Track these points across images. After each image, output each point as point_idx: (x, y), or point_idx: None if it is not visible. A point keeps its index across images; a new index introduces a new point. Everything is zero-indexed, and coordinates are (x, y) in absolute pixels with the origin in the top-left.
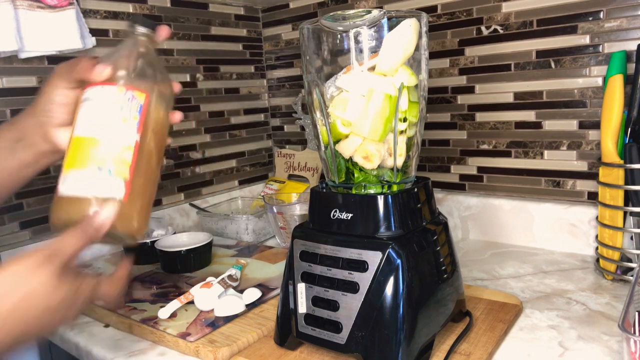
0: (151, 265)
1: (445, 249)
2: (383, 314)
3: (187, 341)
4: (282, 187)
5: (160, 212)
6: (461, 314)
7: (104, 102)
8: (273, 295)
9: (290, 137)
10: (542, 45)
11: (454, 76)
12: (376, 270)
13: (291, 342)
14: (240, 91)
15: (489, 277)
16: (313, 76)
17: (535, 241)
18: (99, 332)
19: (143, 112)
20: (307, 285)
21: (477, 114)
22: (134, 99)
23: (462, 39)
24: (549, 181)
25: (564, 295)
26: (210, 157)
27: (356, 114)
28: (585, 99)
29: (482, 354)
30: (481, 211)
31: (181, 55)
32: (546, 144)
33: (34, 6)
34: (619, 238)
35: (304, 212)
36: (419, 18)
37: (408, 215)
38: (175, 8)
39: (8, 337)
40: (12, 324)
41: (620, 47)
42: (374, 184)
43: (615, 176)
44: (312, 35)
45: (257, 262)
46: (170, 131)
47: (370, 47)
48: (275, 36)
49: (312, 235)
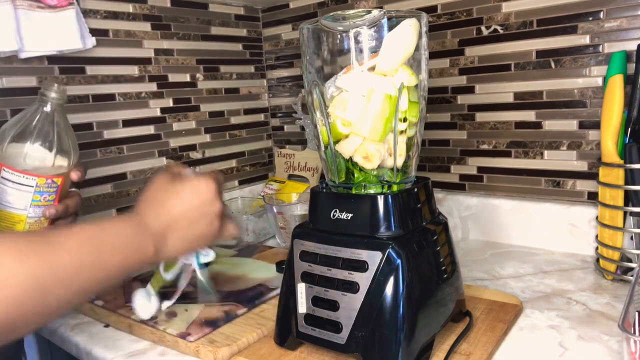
0: None
1: (445, 249)
2: (383, 314)
3: (187, 341)
4: (282, 187)
5: None
6: (461, 314)
7: (24, 188)
8: (273, 295)
9: (290, 137)
10: (542, 45)
11: (454, 76)
12: (376, 270)
13: (291, 342)
14: (240, 91)
15: (489, 277)
16: (313, 76)
17: (535, 241)
18: (98, 332)
19: (59, 191)
20: (307, 285)
21: (477, 114)
22: (53, 183)
23: (462, 39)
24: (549, 181)
25: (564, 295)
26: (210, 157)
27: (356, 114)
28: (585, 99)
29: (482, 354)
30: (481, 211)
31: (181, 55)
32: (546, 144)
33: (34, 6)
34: (619, 238)
35: (304, 212)
36: (419, 18)
37: (408, 215)
38: (175, 8)
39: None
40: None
41: (620, 47)
42: (374, 184)
43: (615, 176)
44: (312, 35)
45: (257, 262)
46: (170, 131)
47: (370, 47)
48: (275, 36)
49: (312, 235)
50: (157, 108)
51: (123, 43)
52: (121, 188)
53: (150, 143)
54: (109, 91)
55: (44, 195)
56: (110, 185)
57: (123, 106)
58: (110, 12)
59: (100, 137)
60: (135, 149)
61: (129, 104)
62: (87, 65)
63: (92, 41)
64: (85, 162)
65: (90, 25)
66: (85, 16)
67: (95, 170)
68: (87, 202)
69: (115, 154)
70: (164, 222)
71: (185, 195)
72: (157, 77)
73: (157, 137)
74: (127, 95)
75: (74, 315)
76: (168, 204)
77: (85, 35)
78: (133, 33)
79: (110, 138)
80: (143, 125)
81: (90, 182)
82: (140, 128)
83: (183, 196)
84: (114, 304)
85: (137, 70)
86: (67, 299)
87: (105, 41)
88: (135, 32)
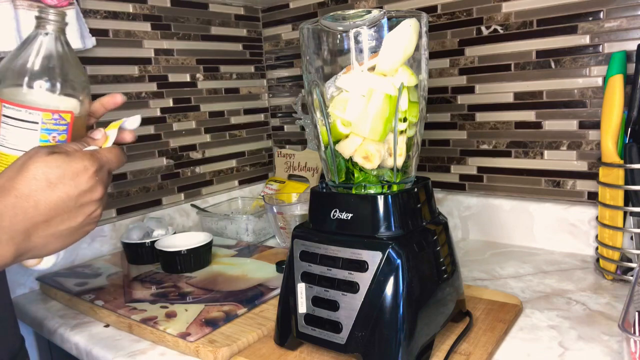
0: (151, 265)
1: (445, 249)
2: (383, 314)
3: (187, 341)
4: (282, 187)
5: (160, 212)
6: (461, 314)
7: (28, 126)
8: (273, 295)
9: (290, 137)
10: (542, 45)
11: (454, 76)
12: (376, 270)
13: (291, 342)
14: (240, 91)
15: (489, 277)
16: (313, 76)
17: (535, 241)
18: (99, 332)
19: (69, 130)
20: (307, 285)
21: (477, 114)
22: (61, 119)
23: (462, 39)
24: (549, 181)
25: (564, 295)
26: (210, 157)
27: (356, 114)
28: (585, 99)
29: (482, 354)
30: (481, 211)
31: (181, 55)
32: (546, 144)
33: (34, 6)
34: (619, 238)
35: (304, 212)
36: (419, 18)
37: (408, 215)
38: (175, 8)
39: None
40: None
41: (620, 47)
42: (374, 184)
43: (615, 176)
44: (312, 35)
45: (257, 262)
46: (170, 131)
47: (370, 47)
48: (275, 36)
49: (312, 235)
50: (157, 108)
51: (123, 43)
52: (121, 188)
53: (150, 143)
54: (109, 91)
55: (52, 134)
56: (110, 186)
57: (123, 106)
58: (110, 12)
59: None
60: (135, 149)
61: (129, 104)
62: (87, 65)
63: (92, 41)
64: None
65: (90, 25)
66: (85, 16)
67: None
68: None
69: None
70: (28, 220)
71: (60, 184)
72: (157, 77)
73: (157, 137)
74: (127, 95)
75: (74, 315)
76: (35, 197)
77: (85, 35)
78: (133, 33)
79: None
80: (143, 125)
81: None
82: (140, 128)
83: (57, 186)
84: (114, 304)
85: (137, 70)
86: None
87: (105, 41)
88: (135, 32)
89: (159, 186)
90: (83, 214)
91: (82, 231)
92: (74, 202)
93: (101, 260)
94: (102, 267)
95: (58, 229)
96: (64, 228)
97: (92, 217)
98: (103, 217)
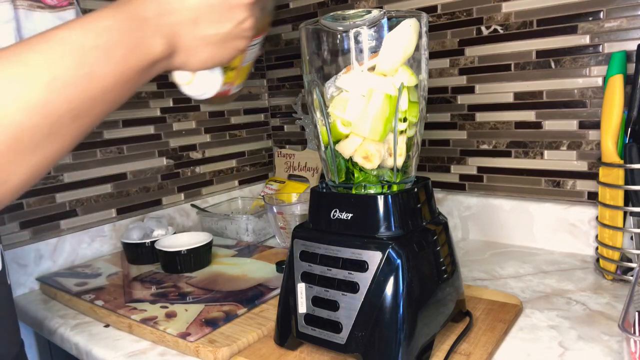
0: (151, 265)
1: (445, 249)
2: (383, 314)
3: (187, 341)
4: (282, 187)
5: (160, 212)
6: (461, 314)
7: None
8: (273, 295)
9: (290, 137)
10: (542, 45)
11: (454, 76)
12: (376, 270)
13: (291, 342)
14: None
15: (489, 277)
16: (313, 76)
17: (535, 241)
18: (99, 332)
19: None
20: (307, 285)
21: (477, 114)
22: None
23: (462, 39)
24: (549, 181)
25: (564, 295)
26: (210, 157)
27: (356, 114)
28: (585, 99)
29: (482, 354)
30: (481, 211)
31: None
32: (546, 144)
33: (34, 6)
34: (619, 238)
35: (304, 212)
36: (419, 18)
37: (408, 215)
38: None
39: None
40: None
41: (620, 47)
42: (374, 184)
43: (615, 176)
44: (312, 35)
45: (257, 262)
46: (170, 131)
47: (370, 47)
48: (275, 36)
49: (312, 235)
50: (157, 108)
51: None
52: (121, 188)
53: (150, 143)
54: None
55: None
56: (110, 185)
57: (123, 106)
58: None
59: (100, 137)
60: (135, 149)
61: (129, 103)
62: None
63: None
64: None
65: None
66: None
67: (95, 170)
68: (87, 202)
69: (115, 154)
70: (174, 15)
71: None
72: (157, 77)
73: (157, 137)
74: None
75: (74, 315)
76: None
77: None
78: None
79: (110, 138)
80: (143, 125)
81: (90, 182)
82: (140, 128)
83: None
84: (113, 304)
85: None
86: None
87: None
88: None
89: (159, 186)
90: (232, 20)
91: (231, 45)
92: (223, 3)
93: (101, 260)
94: (102, 267)
95: (207, 32)
96: (212, 32)
97: (242, 28)
98: (103, 217)
